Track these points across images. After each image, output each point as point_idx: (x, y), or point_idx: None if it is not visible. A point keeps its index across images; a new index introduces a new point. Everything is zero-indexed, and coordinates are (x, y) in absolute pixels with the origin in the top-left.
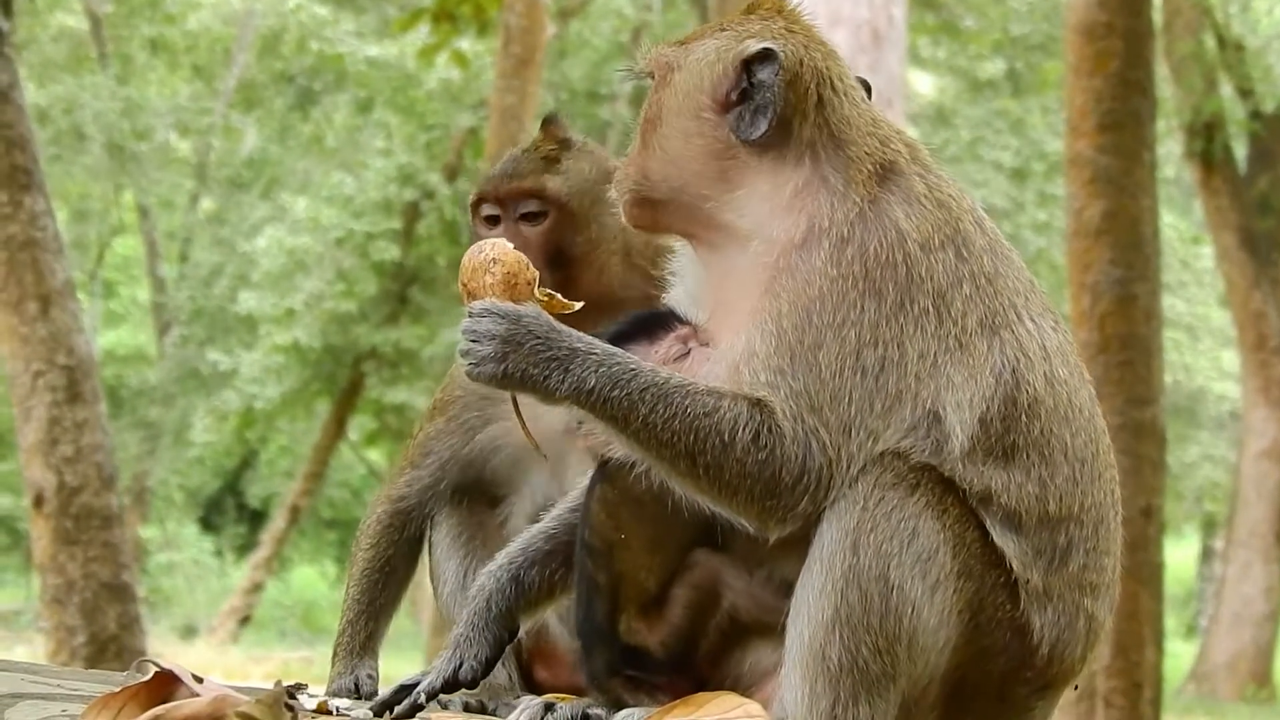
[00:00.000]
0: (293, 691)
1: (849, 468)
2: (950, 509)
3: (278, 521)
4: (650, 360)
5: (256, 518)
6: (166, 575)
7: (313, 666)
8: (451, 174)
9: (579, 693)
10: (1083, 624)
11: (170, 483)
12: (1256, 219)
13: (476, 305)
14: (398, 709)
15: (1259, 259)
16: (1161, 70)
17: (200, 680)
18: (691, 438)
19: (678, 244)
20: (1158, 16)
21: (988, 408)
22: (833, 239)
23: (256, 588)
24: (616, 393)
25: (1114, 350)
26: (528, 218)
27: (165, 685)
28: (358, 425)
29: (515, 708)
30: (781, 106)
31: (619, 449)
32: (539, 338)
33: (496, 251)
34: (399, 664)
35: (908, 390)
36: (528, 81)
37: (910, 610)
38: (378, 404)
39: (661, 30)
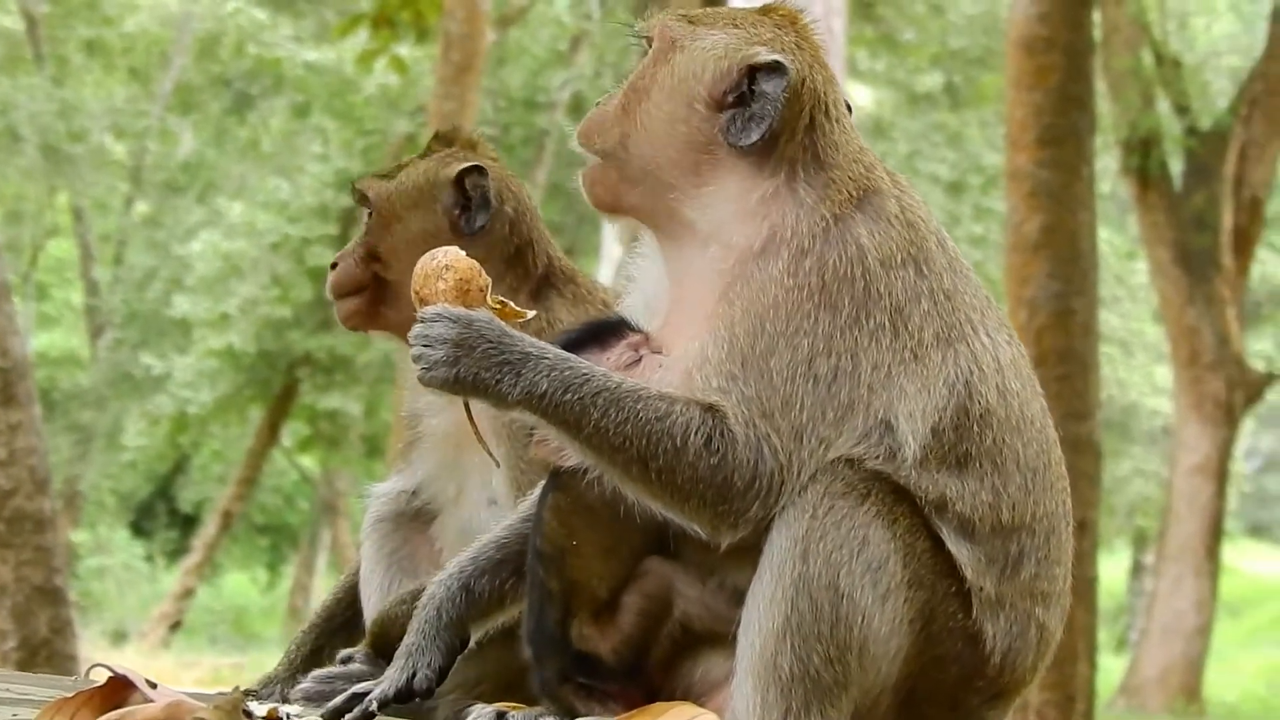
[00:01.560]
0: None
1: (800, 474)
2: (901, 518)
3: (209, 527)
4: (602, 367)
5: (188, 523)
6: (97, 579)
7: (244, 672)
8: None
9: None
10: (1034, 633)
11: (102, 487)
12: (1191, 235)
13: (428, 310)
14: (348, 717)
15: (1193, 275)
16: (1099, 86)
17: (154, 686)
18: (644, 442)
19: (636, 240)
20: (1096, 32)
21: (940, 418)
22: (792, 250)
23: (188, 593)
24: (568, 397)
25: (1051, 365)
26: (367, 218)
27: (119, 691)
28: (291, 431)
29: (468, 716)
30: (776, 122)
31: (571, 454)
32: (491, 342)
33: (449, 258)
34: None
35: (860, 400)
36: (467, 88)
37: (861, 619)
38: (311, 410)
39: (601, 40)
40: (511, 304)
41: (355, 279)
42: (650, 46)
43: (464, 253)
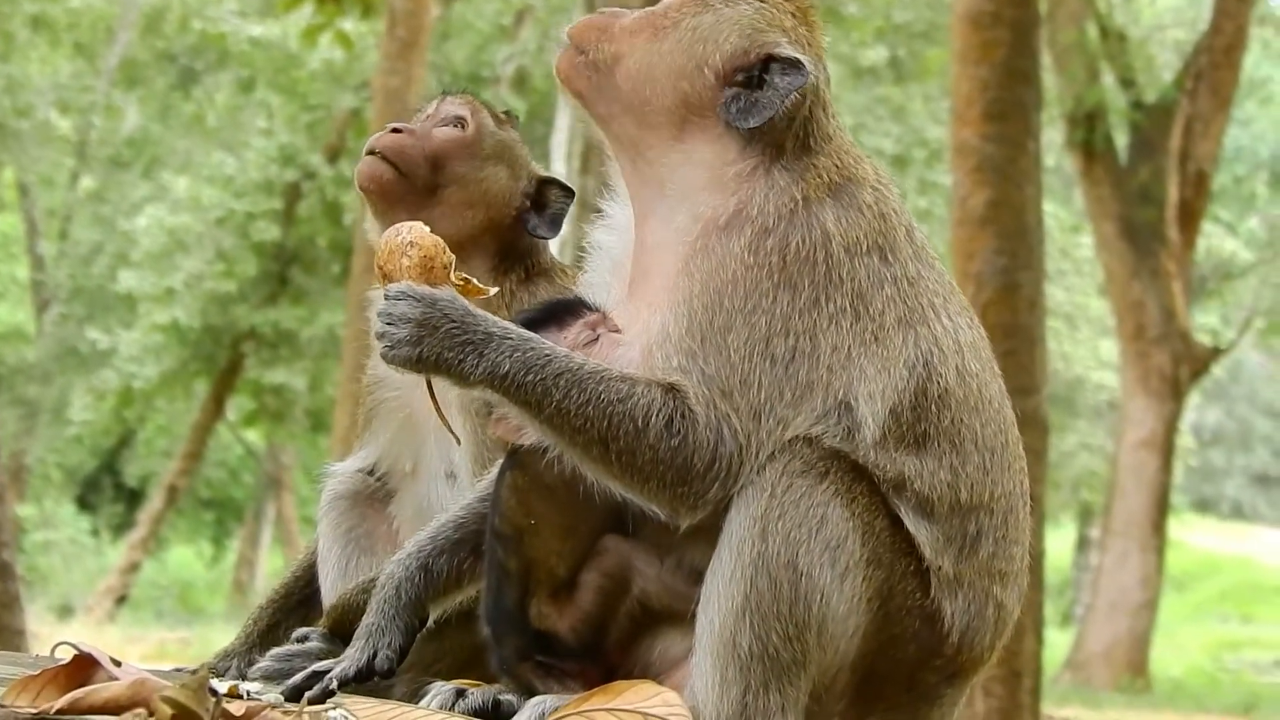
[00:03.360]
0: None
1: (759, 454)
2: (859, 497)
3: (155, 501)
4: (560, 346)
5: (134, 497)
6: (43, 554)
7: (190, 647)
8: (333, 155)
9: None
10: (992, 612)
11: (48, 461)
12: (1137, 209)
13: (393, 288)
14: (309, 694)
15: (1138, 249)
16: (1044, 59)
17: (118, 664)
18: (605, 424)
19: (597, 212)
20: (1042, 6)
21: (899, 399)
22: (756, 228)
23: (133, 567)
24: (530, 378)
25: (997, 340)
26: (447, 122)
27: (83, 668)
28: (236, 405)
29: (427, 693)
30: (780, 115)
31: (532, 434)
32: (454, 321)
33: (414, 235)
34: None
35: (819, 380)
36: (412, 64)
37: (819, 597)
38: (256, 384)
39: (545, 15)
40: (475, 281)
41: (411, 162)
42: None
43: (428, 229)
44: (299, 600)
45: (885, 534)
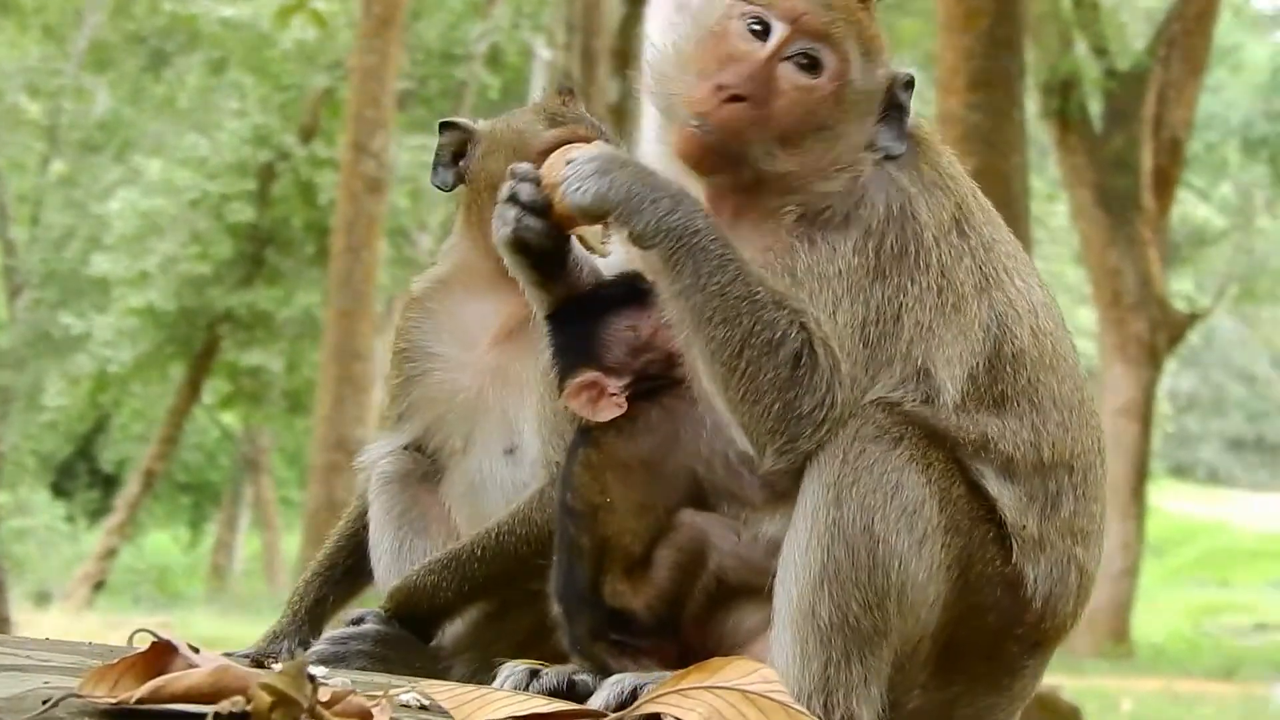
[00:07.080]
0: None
1: (844, 416)
2: (935, 464)
3: (131, 486)
4: (644, 325)
5: (109, 482)
6: (18, 541)
7: (171, 631)
8: (307, 135)
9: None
10: (1074, 576)
11: (22, 448)
12: (1112, 176)
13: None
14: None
15: (1114, 216)
16: None
17: (197, 651)
18: (751, 324)
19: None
20: None
21: (976, 361)
22: (861, 229)
23: (110, 553)
24: (713, 247)
25: None
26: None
27: (160, 656)
28: (212, 388)
29: (497, 674)
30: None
31: (675, 310)
32: (640, 168)
33: None
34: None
35: (900, 353)
36: (389, 42)
37: (898, 564)
38: (233, 367)
39: None
40: None
41: None
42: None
43: None
44: (344, 572)
45: (963, 500)
